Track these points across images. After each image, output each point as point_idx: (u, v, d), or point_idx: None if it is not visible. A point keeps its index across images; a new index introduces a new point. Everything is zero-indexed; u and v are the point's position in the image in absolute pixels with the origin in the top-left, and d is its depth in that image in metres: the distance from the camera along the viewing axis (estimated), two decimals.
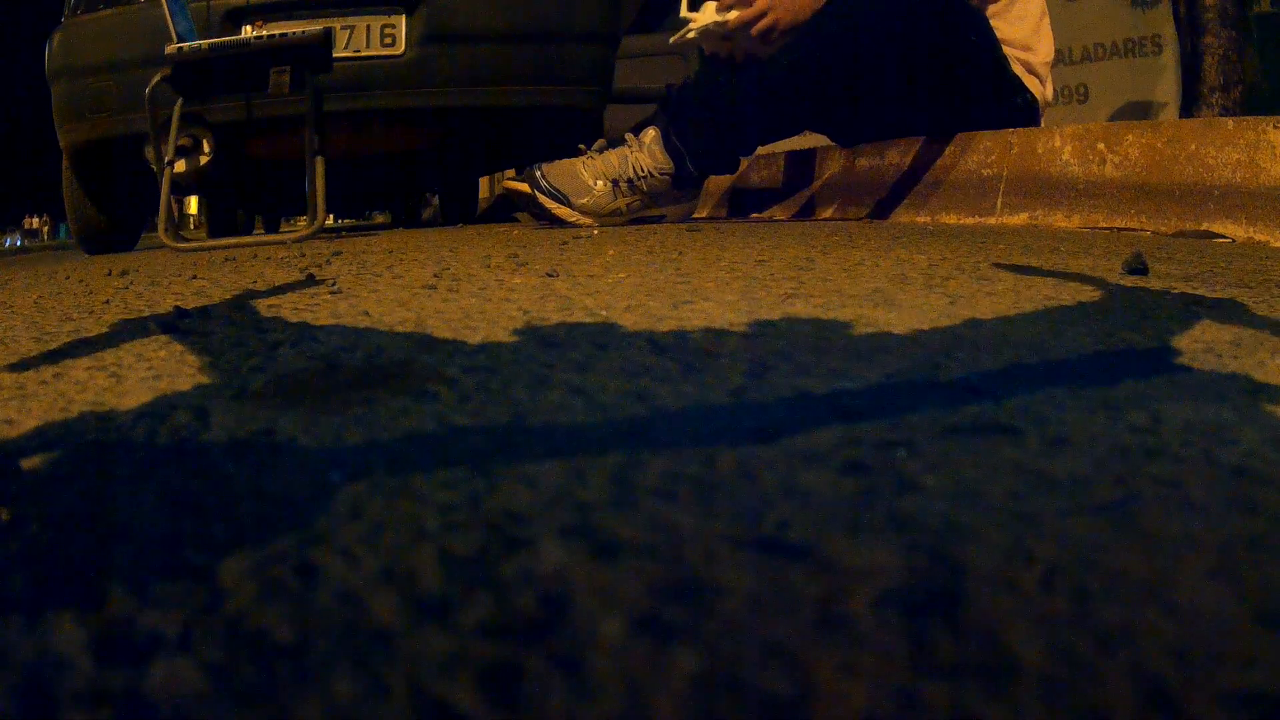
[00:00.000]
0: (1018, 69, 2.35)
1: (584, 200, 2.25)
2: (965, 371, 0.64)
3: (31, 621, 0.33)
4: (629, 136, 2.31)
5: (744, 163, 2.84)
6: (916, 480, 0.44)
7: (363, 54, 2.72)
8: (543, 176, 2.26)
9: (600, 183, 2.25)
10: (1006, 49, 2.32)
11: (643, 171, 2.24)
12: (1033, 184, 2.07)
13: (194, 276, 1.49)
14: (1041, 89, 2.39)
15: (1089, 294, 0.97)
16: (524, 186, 2.29)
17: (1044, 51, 2.39)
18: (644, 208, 2.30)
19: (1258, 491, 0.43)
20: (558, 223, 2.27)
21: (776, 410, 0.56)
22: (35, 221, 25.66)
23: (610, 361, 0.69)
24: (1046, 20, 2.41)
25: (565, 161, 2.30)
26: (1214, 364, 0.67)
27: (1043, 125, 2.38)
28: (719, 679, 0.29)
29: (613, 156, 2.27)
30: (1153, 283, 1.05)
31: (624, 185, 2.25)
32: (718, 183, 3.28)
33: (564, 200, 2.26)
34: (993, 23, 2.29)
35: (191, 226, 13.20)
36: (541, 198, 2.26)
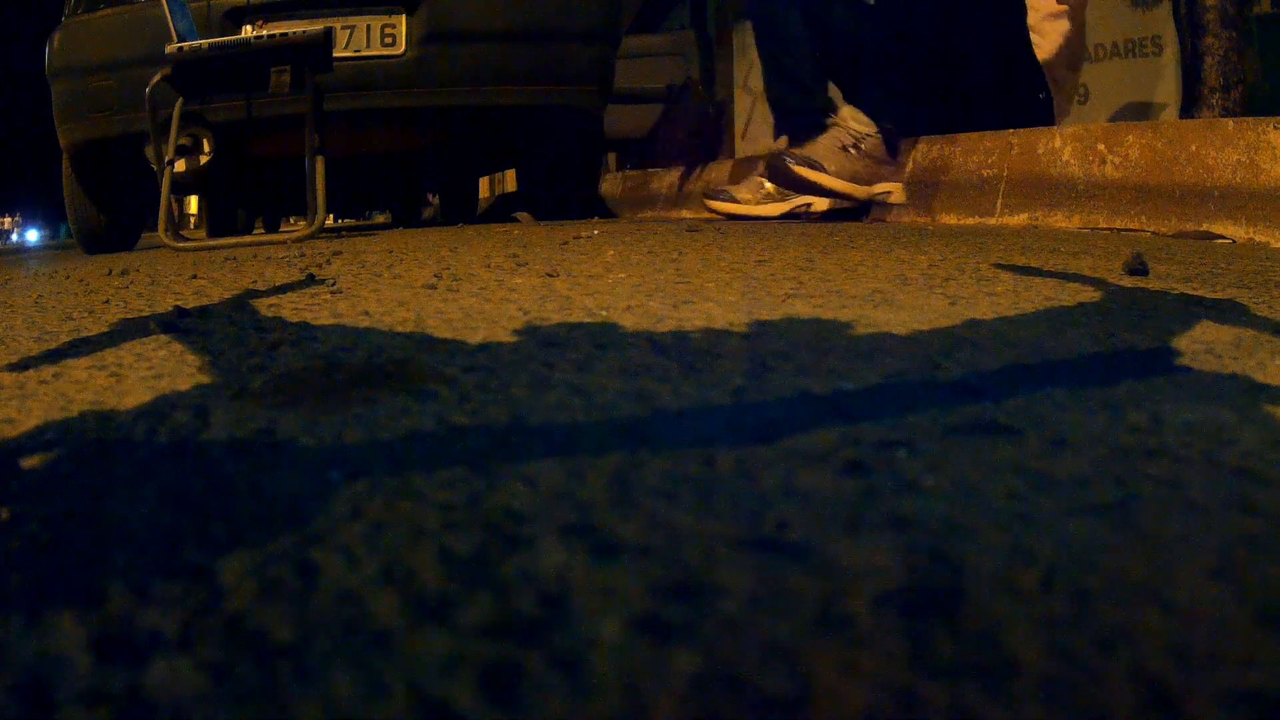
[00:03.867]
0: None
1: (834, 167, 2.42)
2: (965, 372, 0.64)
3: (31, 620, 0.33)
4: (829, 121, 2.47)
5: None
6: (916, 480, 0.44)
7: (363, 54, 2.72)
8: (789, 154, 2.45)
9: (839, 150, 2.42)
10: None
11: (859, 135, 2.44)
12: (1033, 184, 2.07)
13: (194, 276, 1.49)
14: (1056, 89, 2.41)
15: (1089, 294, 0.97)
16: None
17: (1048, 46, 2.39)
18: (872, 179, 2.43)
19: (1258, 491, 0.43)
20: (811, 190, 2.41)
21: (776, 410, 0.56)
22: (7, 222, 25.64)
23: (610, 361, 0.69)
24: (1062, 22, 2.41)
25: (808, 144, 2.48)
26: (1214, 364, 0.67)
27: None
28: (718, 679, 0.29)
29: (833, 132, 2.45)
30: (1153, 283, 1.05)
31: (853, 151, 2.43)
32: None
33: (819, 167, 2.42)
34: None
35: (191, 226, 13.17)
36: (795, 166, 2.42)
